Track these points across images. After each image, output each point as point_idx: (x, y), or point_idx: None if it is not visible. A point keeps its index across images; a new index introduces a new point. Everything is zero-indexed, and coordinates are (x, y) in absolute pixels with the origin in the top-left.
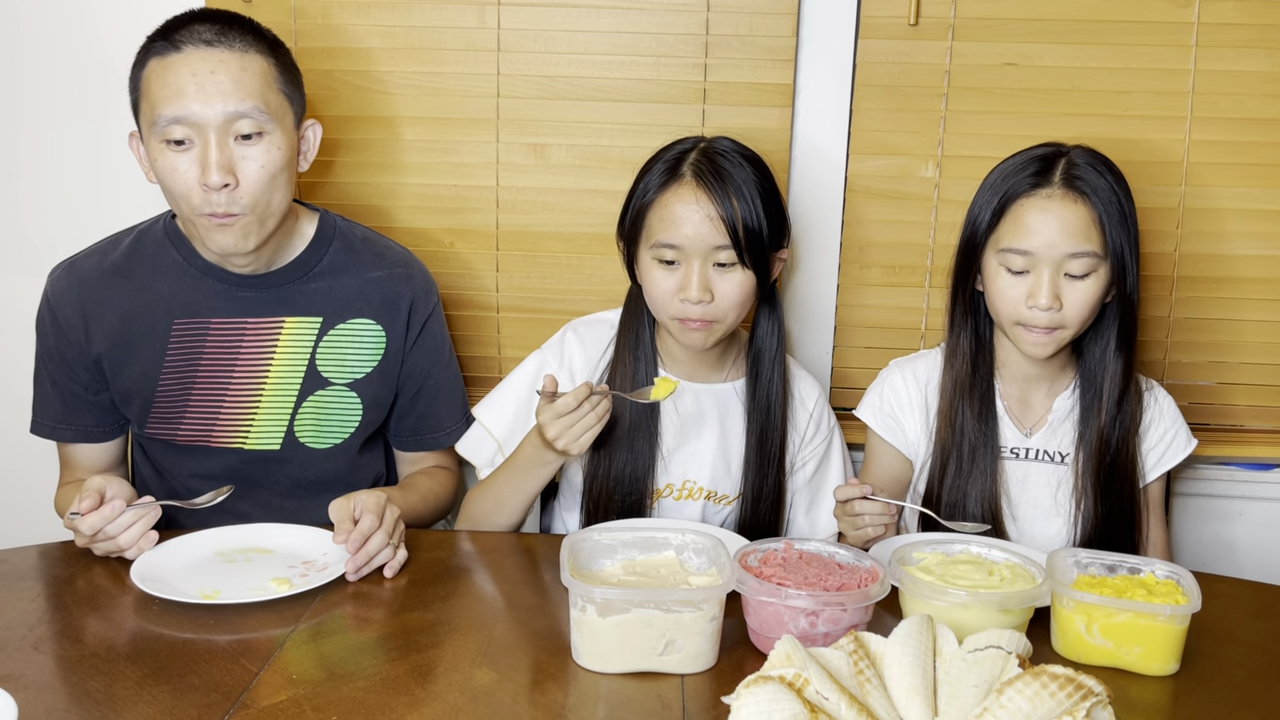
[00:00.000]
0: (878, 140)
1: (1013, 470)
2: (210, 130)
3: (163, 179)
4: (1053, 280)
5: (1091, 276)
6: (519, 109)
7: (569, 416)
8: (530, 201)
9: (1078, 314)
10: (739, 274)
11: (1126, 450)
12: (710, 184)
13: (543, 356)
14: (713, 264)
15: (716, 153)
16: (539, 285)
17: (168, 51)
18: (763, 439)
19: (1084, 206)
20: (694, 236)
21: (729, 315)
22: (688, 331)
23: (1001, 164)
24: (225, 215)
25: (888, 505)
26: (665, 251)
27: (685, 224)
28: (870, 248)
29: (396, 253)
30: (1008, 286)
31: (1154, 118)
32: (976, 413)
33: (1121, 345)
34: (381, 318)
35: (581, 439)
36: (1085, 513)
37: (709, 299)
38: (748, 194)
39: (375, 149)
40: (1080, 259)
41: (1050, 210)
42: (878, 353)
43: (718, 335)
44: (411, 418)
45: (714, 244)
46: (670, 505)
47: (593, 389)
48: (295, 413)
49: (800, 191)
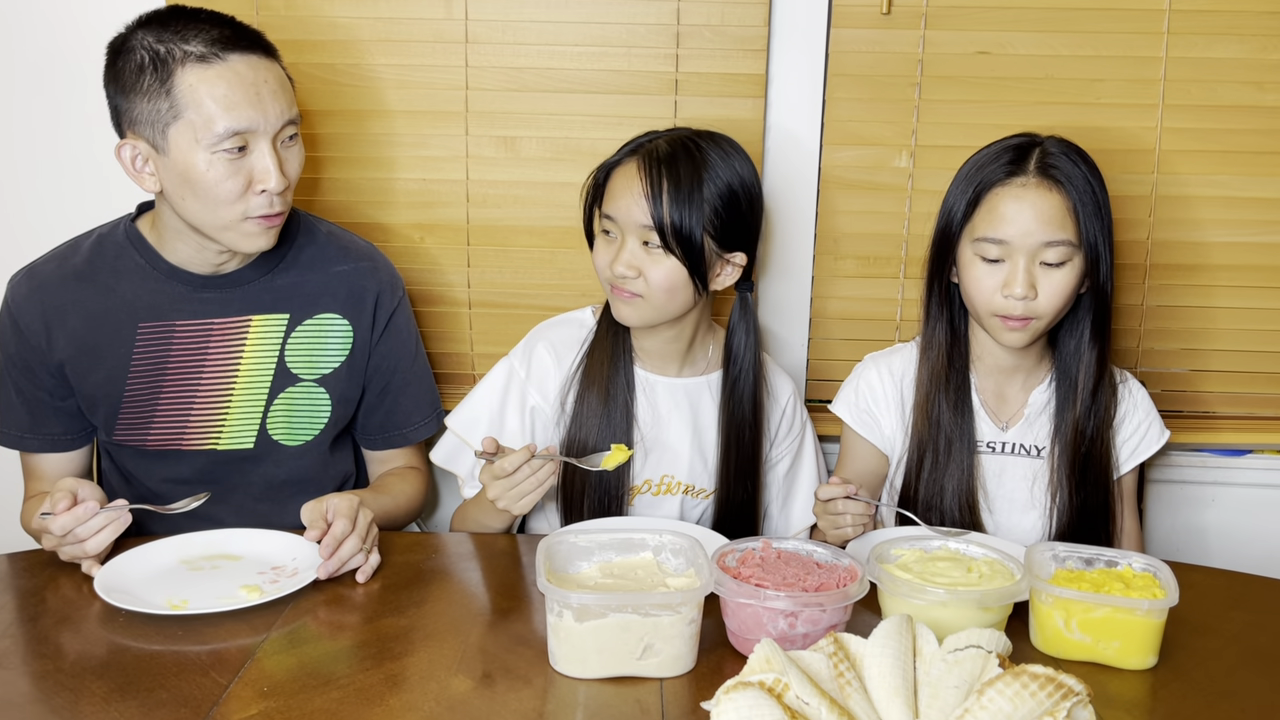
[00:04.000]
0: (851, 130)
1: (989, 464)
2: (266, 137)
3: (211, 188)
4: (1028, 269)
5: (1066, 266)
6: (488, 101)
7: (509, 479)
8: (501, 195)
9: (1052, 303)
10: (666, 261)
11: (1101, 443)
12: (649, 164)
13: (510, 365)
14: (642, 243)
15: (682, 137)
16: (511, 281)
17: (211, 60)
18: (739, 435)
19: (1059, 195)
20: (624, 209)
21: (653, 298)
22: (617, 302)
23: (976, 154)
24: (277, 215)
25: (869, 505)
26: (606, 222)
27: (620, 196)
28: (845, 239)
29: (361, 247)
30: (982, 276)
31: (1126, 105)
32: (952, 407)
33: (1096, 336)
34: (348, 312)
35: (523, 501)
36: (1060, 506)
37: (634, 274)
38: (686, 183)
39: (341, 143)
40: (1055, 248)
41: (1025, 199)
42: (853, 345)
43: (644, 315)
44: (379, 414)
45: (641, 221)
46: (648, 501)
47: (534, 453)
48: (268, 410)
49: (774, 183)
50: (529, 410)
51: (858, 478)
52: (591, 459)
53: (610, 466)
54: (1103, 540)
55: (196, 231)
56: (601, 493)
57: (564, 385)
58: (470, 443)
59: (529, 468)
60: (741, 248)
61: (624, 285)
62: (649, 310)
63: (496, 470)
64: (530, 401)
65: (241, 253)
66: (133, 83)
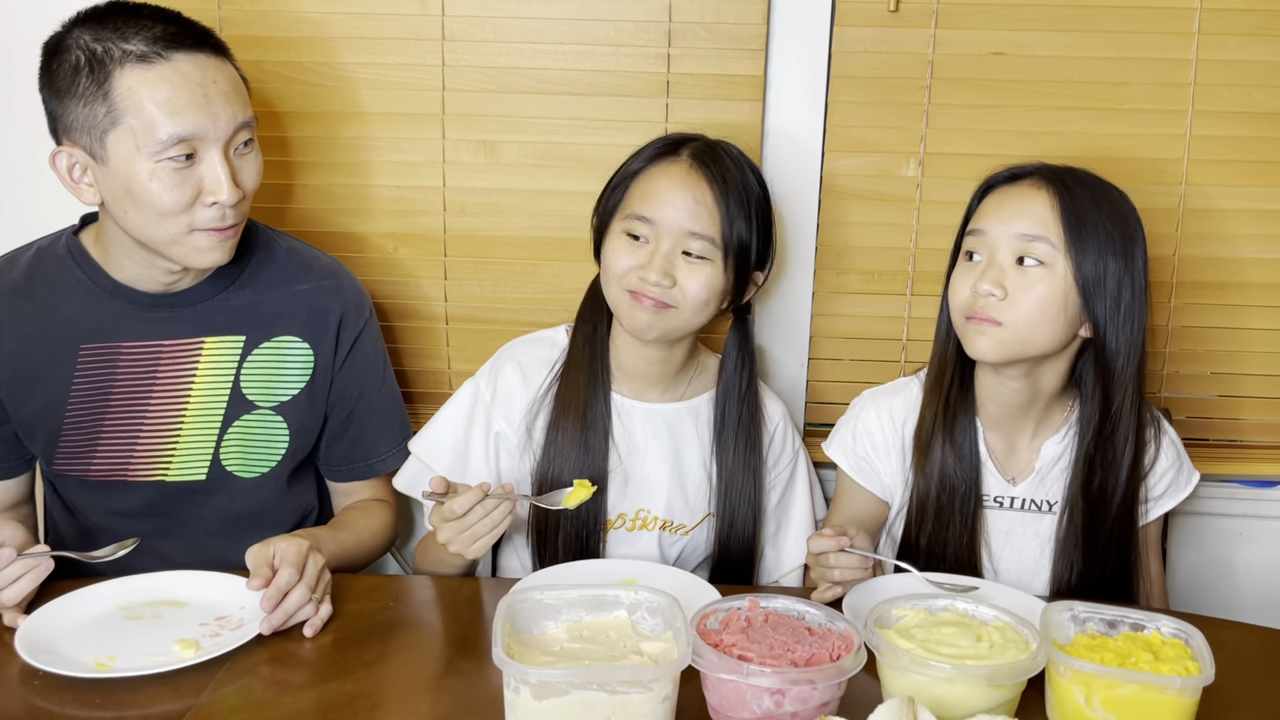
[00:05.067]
0: (855, 136)
1: (995, 520)
2: (216, 144)
3: (154, 199)
4: (1002, 265)
5: (1044, 270)
6: (466, 103)
7: (460, 522)
8: (480, 203)
9: (1023, 311)
10: (708, 271)
11: (1123, 499)
12: (705, 167)
13: (476, 388)
14: (682, 252)
15: (721, 147)
16: (490, 294)
17: (153, 60)
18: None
19: (1046, 193)
20: (673, 214)
21: (685, 309)
22: (636, 309)
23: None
24: (230, 228)
25: (865, 558)
26: (637, 225)
27: (668, 200)
28: (848, 252)
29: (325, 264)
30: (960, 276)
31: (1152, 111)
32: (956, 460)
33: (1100, 383)
34: (309, 335)
35: (476, 545)
36: (1075, 566)
37: (669, 283)
38: (741, 194)
39: (309, 147)
40: (1031, 242)
41: (1010, 193)
42: (856, 366)
43: (667, 327)
44: (343, 444)
45: (690, 229)
46: (624, 537)
47: (488, 493)
48: (221, 439)
49: (772, 192)
50: (493, 437)
51: (853, 523)
52: (552, 497)
53: (572, 505)
54: (1121, 588)
55: (143, 247)
56: (574, 529)
57: (531, 410)
58: (434, 468)
59: (481, 509)
60: (764, 265)
61: (652, 293)
62: (676, 322)
63: (446, 512)
64: (495, 427)
65: (194, 269)
66: (68, 86)
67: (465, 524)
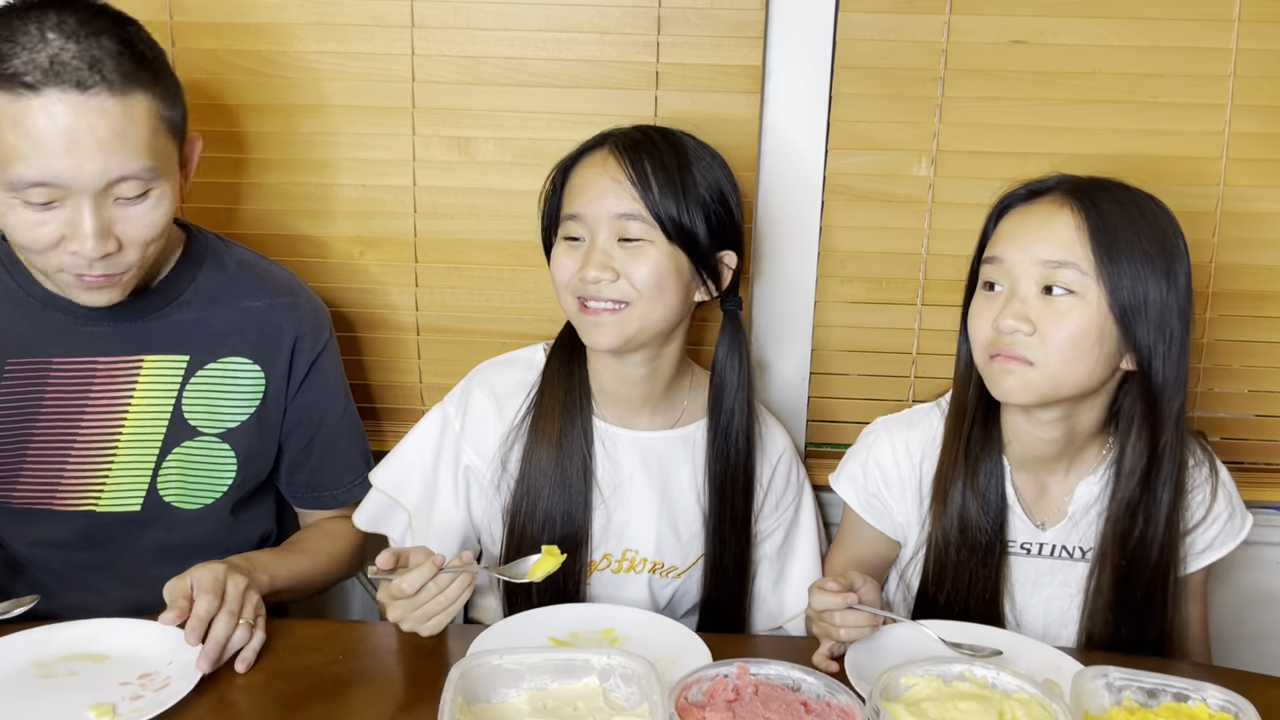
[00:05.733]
0: (861, 132)
1: (1021, 568)
2: (86, 195)
3: (12, 232)
4: (1025, 296)
5: (1074, 299)
6: (438, 96)
7: (411, 601)
8: (453, 204)
9: (1051, 347)
10: (651, 252)
11: (1165, 547)
12: (624, 150)
13: (444, 415)
14: (619, 239)
15: (649, 130)
16: (465, 303)
17: (20, 92)
18: (726, 494)
19: (1070, 211)
20: (597, 202)
21: (641, 300)
22: (591, 324)
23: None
24: (104, 277)
25: (874, 616)
26: (571, 225)
27: (591, 190)
28: (853, 258)
29: (280, 279)
30: (980, 309)
31: (1188, 105)
32: (981, 507)
33: (1148, 421)
34: (259, 356)
35: (431, 623)
36: (1106, 621)
37: (612, 276)
38: (670, 166)
39: (268, 144)
40: (1057, 269)
41: (1030, 214)
42: (862, 382)
43: (629, 330)
44: (304, 473)
45: (616, 211)
46: (608, 580)
47: (441, 567)
48: (159, 467)
49: (771, 192)
50: (463, 470)
51: (860, 565)
52: (516, 567)
53: (539, 577)
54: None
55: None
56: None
57: (506, 440)
58: (401, 501)
59: (435, 585)
60: (731, 245)
61: (598, 294)
62: (636, 319)
63: (394, 590)
64: (464, 460)
65: (90, 306)
66: None
67: (416, 603)
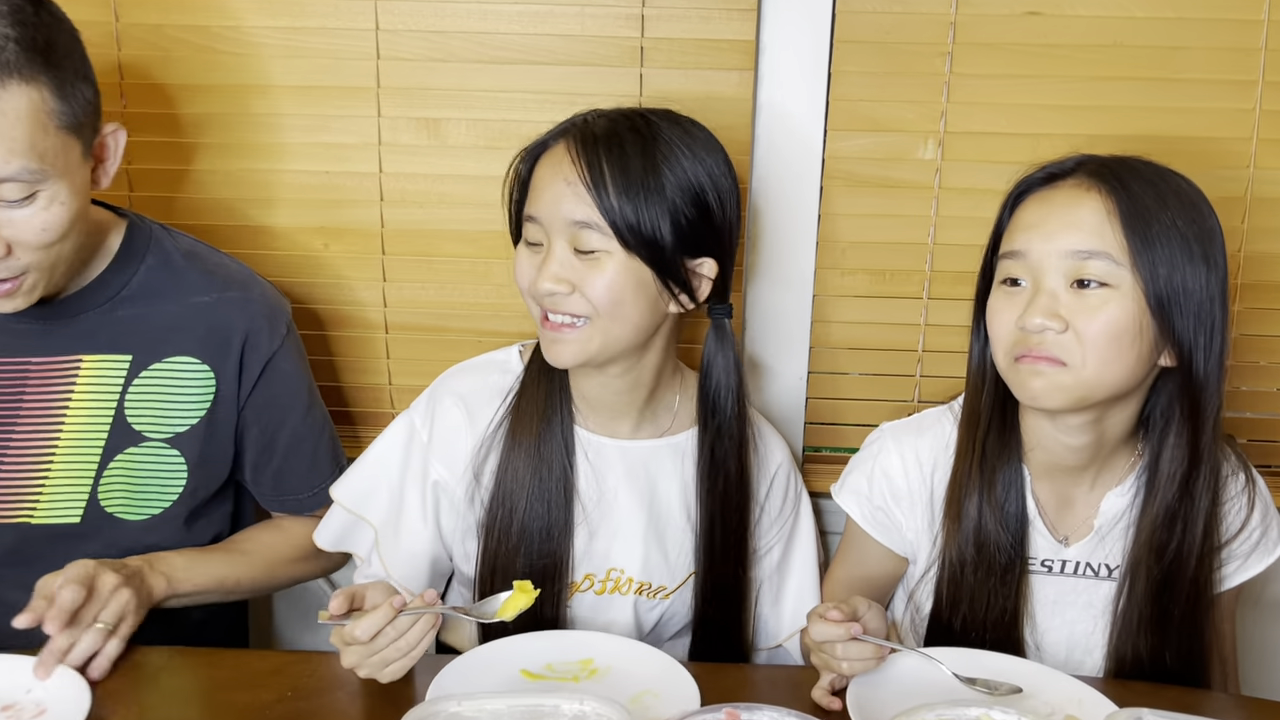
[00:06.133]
0: (863, 112)
1: (1042, 588)
2: None
3: None
4: (1052, 291)
5: (1107, 292)
6: (405, 74)
7: (366, 647)
8: (422, 192)
9: (1088, 345)
10: (610, 266)
11: (1201, 561)
12: (580, 148)
13: (411, 425)
14: (576, 250)
15: (623, 116)
16: (436, 298)
17: None
18: (724, 506)
19: (1098, 195)
20: (551, 205)
21: (601, 317)
22: (554, 342)
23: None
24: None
25: (880, 647)
26: (529, 227)
27: (546, 190)
28: (854, 249)
29: (231, 272)
30: (1000, 307)
31: (1215, 82)
32: (999, 522)
33: (1190, 422)
34: (208, 355)
35: (390, 669)
36: (1134, 644)
37: (566, 289)
38: (633, 163)
39: (221, 127)
40: (1087, 260)
41: (1053, 200)
42: (864, 381)
43: (590, 348)
44: (268, 475)
45: (570, 218)
46: (591, 602)
47: (399, 610)
48: (100, 475)
49: (765, 178)
50: (431, 486)
51: (864, 585)
52: (485, 605)
53: (509, 616)
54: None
55: None
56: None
57: (479, 451)
58: (367, 518)
59: (393, 629)
60: (710, 252)
61: (555, 307)
62: (596, 339)
63: (347, 636)
64: (432, 475)
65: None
66: None
67: (373, 649)
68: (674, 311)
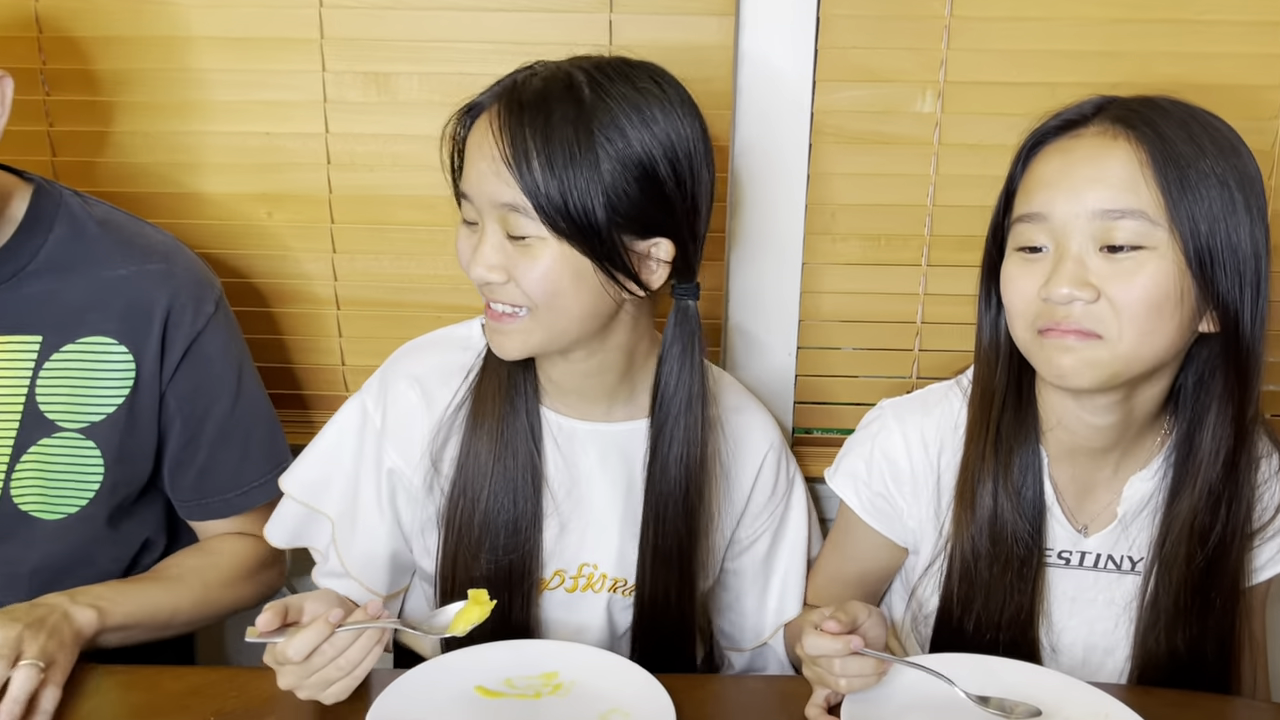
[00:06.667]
0: (855, 61)
1: (1059, 582)
2: None
3: None
4: (1079, 256)
5: (1143, 254)
6: (351, 23)
7: (303, 666)
8: (373, 154)
9: (1128, 317)
10: (545, 254)
11: (1225, 562)
12: (506, 116)
13: (363, 408)
14: (508, 234)
15: (568, 69)
16: (391, 270)
17: None
18: (660, 509)
19: (1131, 145)
20: (477, 183)
21: (540, 309)
22: (495, 333)
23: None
24: None
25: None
26: (464, 205)
27: (471, 166)
28: (846, 212)
29: (152, 243)
30: (1019, 274)
31: (1242, 23)
32: (1015, 508)
33: (1231, 396)
34: (126, 336)
35: (330, 690)
36: (1159, 642)
37: (499, 278)
38: (561, 133)
39: (149, 84)
40: (1119, 220)
41: (1076, 151)
42: (859, 357)
43: (532, 341)
44: (189, 474)
45: (499, 199)
46: (561, 601)
47: (336, 625)
48: (11, 470)
49: (749, 134)
50: (385, 474)
51: (858, 578)
52: (436, 618)
53: (462, 630)
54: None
55: None
56: (496, 592)
57: (437, 436)
58: (322, 510)
59: (331, 647)
60: (664, 232)
61: (494, 296)
62: (537, 332)
63: (279, 656)
64: (386, 463)
65: None
66: None
67: (310, 668)
68: (629, 299)
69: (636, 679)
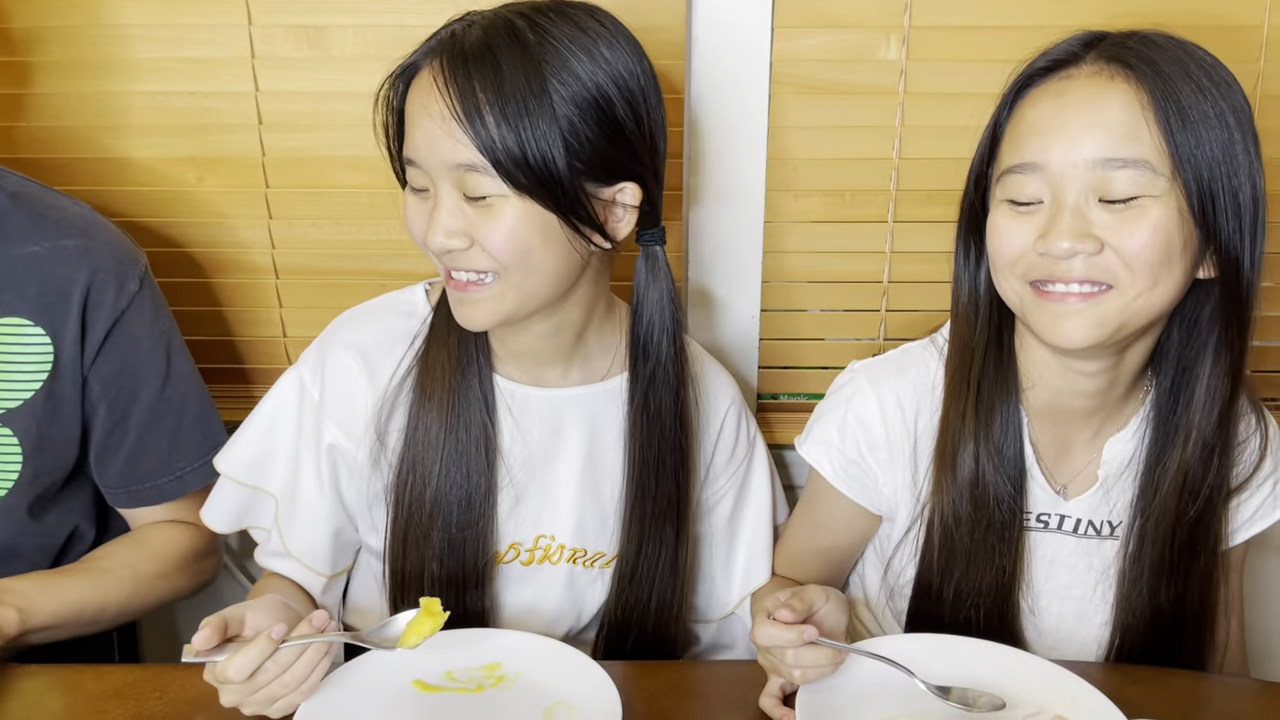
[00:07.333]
0: (815, 6)
1: (1039, 546)
2: None
3: None
4: (1077, 208)
5: (1145, 203)
6: None
7: (246, 685)
8: (307, 113)
9: (1140, 267)
10: (507, 212)
11: (1211, 516)
12: (450, 70)
13: (300, 381)
14: (466, 196)
15: (502, 17)
16: (331, 236)
17: None
18: (656, 469)
19: (1130, 85)
20: (425, 145)
21: (509, 272)
22: (460, 303)
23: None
24: None
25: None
26: (411, 172)
27: (417, 127)
28: (808, 166)
29: (68, 215)
30: (1009, 226)
31: None
32: (996, 469)
33: (1226, 346)
34: (42, 317)
35: (277, 705)
36: (1138, 608)
37: (462, 244)
38: (511, 79)
39: (66, 42)
40: (1115, 170)
41: (1069, 94)
42: (824, 319)
43: (500, 308)
44: (117, 460)
45: (453, 160)
46: (518, 574)
47: (279, 642)
48: None
49: (705, 87)
50: (325, 450)
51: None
52: (385, 629)
53: (414, 644)
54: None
55: None
56: (448, 569)
57: (382, 408)
58: (264, 487)
59: (274, 665)
60: (629, 175)
61: (456, 264)
62: (509, 295)
63: (220, 676)
64: (326, 439)
65: None
66: None
67: (254, 686)
68: (597, 250)
69: (584, 669)
